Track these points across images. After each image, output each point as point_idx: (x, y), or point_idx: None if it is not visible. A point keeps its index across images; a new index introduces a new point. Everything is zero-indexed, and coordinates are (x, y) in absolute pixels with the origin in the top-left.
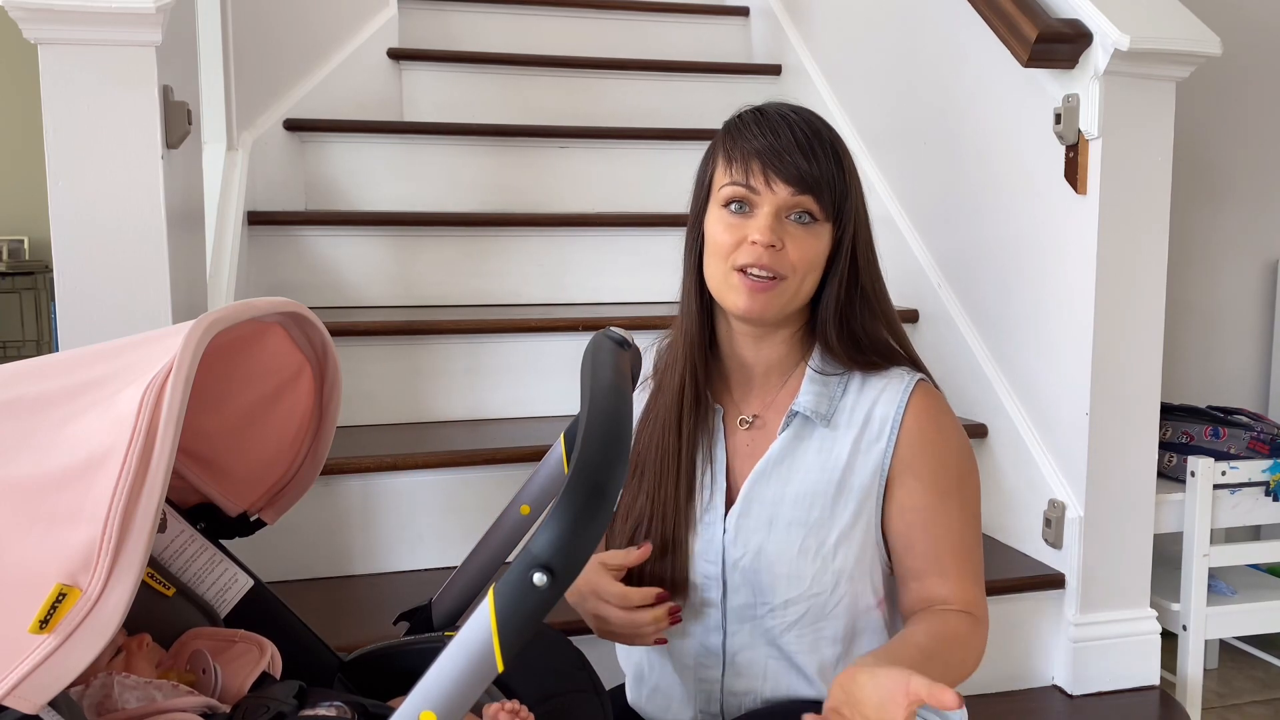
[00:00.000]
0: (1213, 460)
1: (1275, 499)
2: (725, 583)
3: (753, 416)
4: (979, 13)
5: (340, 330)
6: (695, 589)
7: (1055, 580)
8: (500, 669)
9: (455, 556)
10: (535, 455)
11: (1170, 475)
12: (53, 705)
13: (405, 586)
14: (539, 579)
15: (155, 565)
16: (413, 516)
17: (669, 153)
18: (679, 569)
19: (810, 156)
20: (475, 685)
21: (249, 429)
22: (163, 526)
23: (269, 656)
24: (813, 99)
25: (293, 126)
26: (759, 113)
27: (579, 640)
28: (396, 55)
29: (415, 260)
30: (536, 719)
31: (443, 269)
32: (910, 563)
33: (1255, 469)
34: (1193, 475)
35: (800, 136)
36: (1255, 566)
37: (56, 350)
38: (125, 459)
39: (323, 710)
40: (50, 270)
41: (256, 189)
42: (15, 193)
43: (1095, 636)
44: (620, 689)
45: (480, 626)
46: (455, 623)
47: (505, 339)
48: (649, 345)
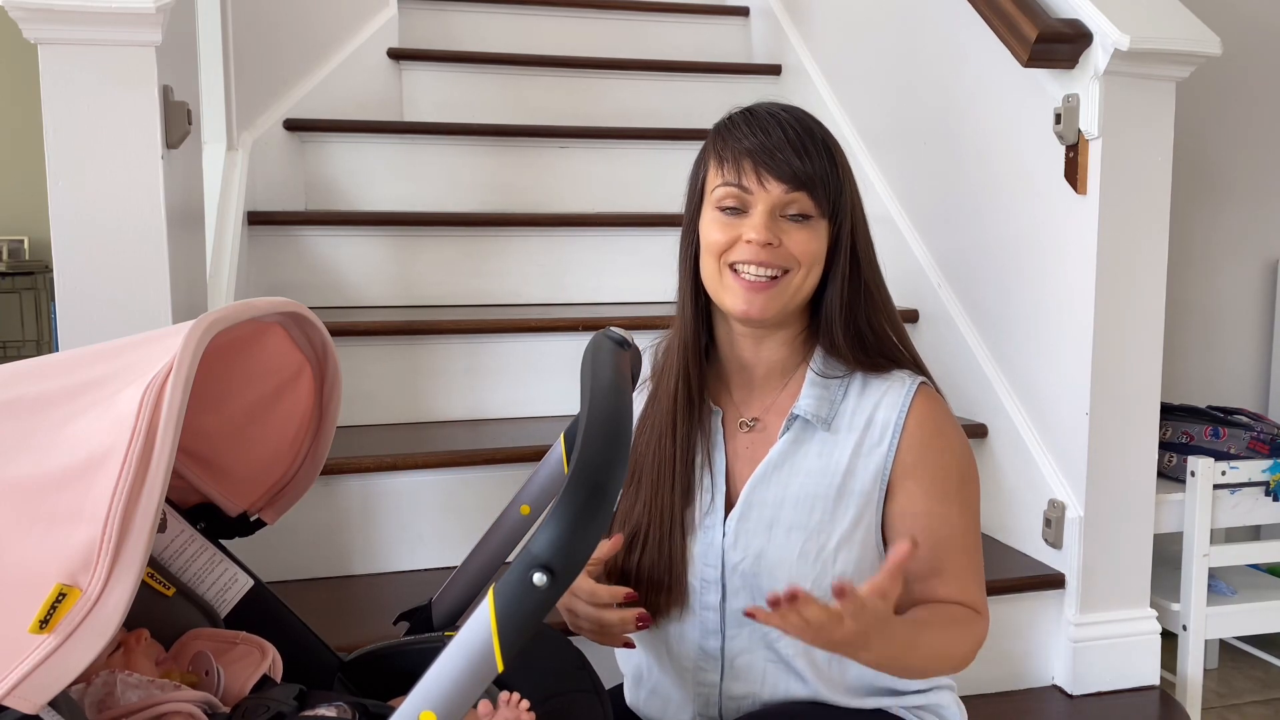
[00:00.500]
0: (1213, 460)
1: (1275, 499)
2: (724, 586)
3: (753, 419)
4: (979, 13)
5: (340, 330)
6: (694, 592)
7: (1055, 580)
8: (500, 669)
9: (455, 556)
10: (535, 455)
11: (1170, 475)
12: (53, 705)
13: (405, 586)
14: (539, 579)
15: (155, 565)
16: (412, 516)
17: (669, 153)
18: (677, 572)
19: (802, 154)
20: (475, 685)
21: (249, 429)
22: (163, 526)
23: (270, 659)
24: (813, 99)
25: (293, 126)
26: (749, 113)
27: (579, 640)
28: (396, 55)
29: (415, 260)
30: (537, 719)
31: (443, 269)
32: (911, 566)
33: (1255, 469)
34: (1193, 475)
35: (791, 134)
36: (1255, 566)
37: (56, 350)
38: (125, 459)
39: (323, 710)
40: (50, 270)
41: (256, 189)
42: (15, 193)
43: (1095, 636)
44: (619, 689)
45: (480, 626)
46: (455, 623)
47: (505, 339)
48: (648, 346)
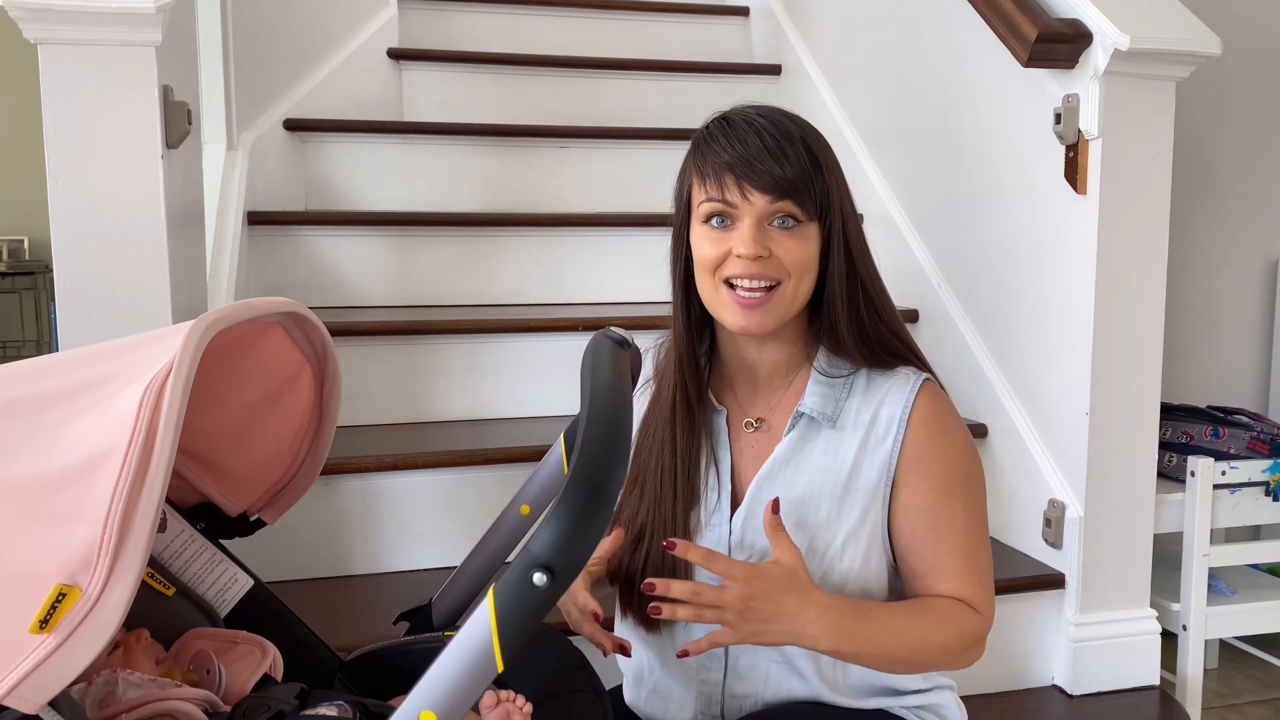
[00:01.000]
0: (1213, 460)
1: (1275, 499)
2: None
3: (758, 419)
4: (979, 12)
5: (340, 330)
6: None
7: (1055, 580)
8: (500, 669)
9: (455, 556)
10: (535, 455)
11: (1170, 475)
12: (53, 705)
13: (405, 586)
14: (539, 579)
15: (155, 565)
16: (412, 516)
17: (669, 153)
18: (682, 573)
19: (782, 160)
20: (475, 685)
21: (249, 429)
22: (163, 526)
23: (270, 658)
24: (813, 99)
25: (293, 126)
26: (726, 123)
27: (579, 640)
28: (396, 55)
29: (415, 260)
30: (536, 719)
31: (442, 269)
32: (913, 562)
33: (1255, 469)
34: (1193, 475)
35: (769, 141)
36: (1255, 566)
37: (56, 350)
38: (125, 459)
39: (323, 709)
40: (50, 270)
41: (256, 189)
42: (15, 193)
43: (1095, 636)
44: (619, 689)
45: (480, 626)
46: (455, 623)
47: (505, 339)
48: (649, 346)
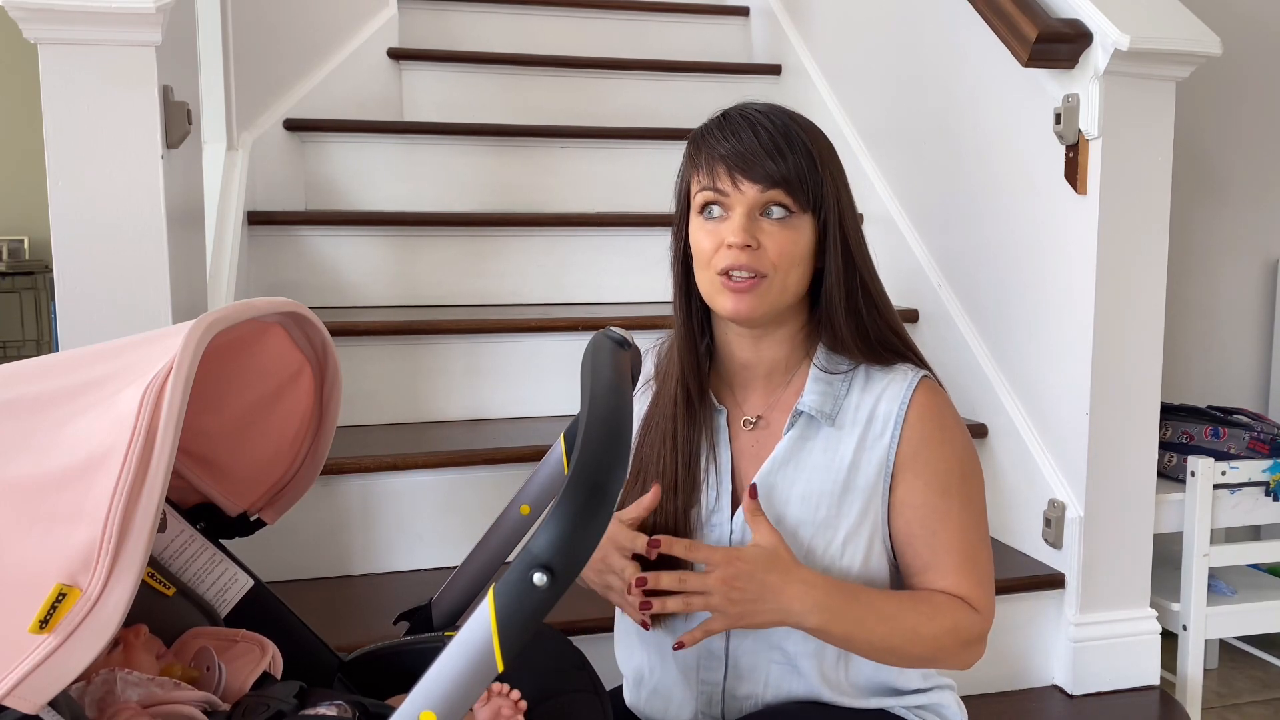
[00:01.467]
0: (1213, 460)
1: (1275, 499)
2: None
3: (756, 417)
4: (979, 13)
5: (340, 330)
6: None
7: (1055, 580)
8: (500, 669)
9: (455, 556)
10: (535, 455)
11: (1170, 475)
12: (53, 705)
13: (405, 586)
14: (539, 579)
15: (155, 565)
16: (412, 516)
17: (669, 153)
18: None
19: (775, 154)
20: (475, 685)
21: (249, 429)
22: (163, 526)
23: (270, 656)
24: (813, 99)
25: (293, 126)
26: (723, 118)
27: (579, 640)
28: (396, 55)
29: (415, 260)
30: (536, 719)
31: (443, 269)
32: (910, 559)
33: (1255, 469)
34: (1193, 475)
35: (764, 135)
36: (1255, 566)
37: (56, 350)
38: (125, 459)
39: (323, 709)
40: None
41: (256, 189)
42: (15, 193)
43: (1095, 636)
44: (619, 690)
45: (480, 626)
46: (455, 623)
47: (505, 339)
48: (649, 346)
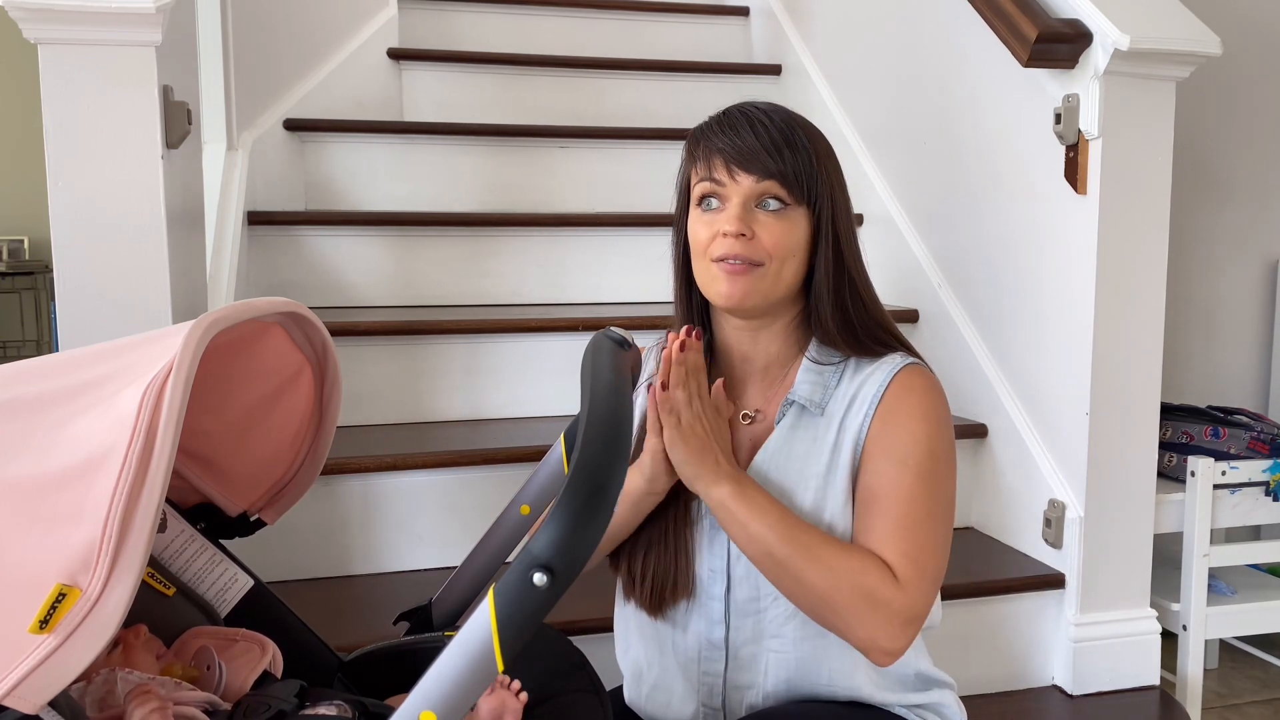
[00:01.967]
0: (1213, 460)
1: (1275, 499)
2: (729, 576)
3: (755, 411)
4: (979, 13)
5: (340, 330)
6: (700, 584)
7: (1055, 580)
8: (500, 669)
9: (455, 556)
10: (535, 455)
11: (1170, 475)
12: (53, 705)
13: (405, 586)
14: (539, 579)
15: (155, 565)
16: (412, 516)
17: (669, 153)
18: (683, 564)
19: (773, 149)
20: (475, 685)
21: (249, 429)
22: (163, 526)
23: (270, 655)
24: (813, 99)
25: (293, 126)
26: (723, 114)
27: (579, 640)
28: (396, 55)
29: (415, 260)
30: (536, 719)
31: (442, 269)
32: (855, 524)
33: (1255, 469)
34: (1193, 475)
35: (761, 130)
36: (1255, 566)
37: (56, 350)
38: (125, 459)
39: (323, 709)
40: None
41: (256, 189)
42: (15, 193)
43: (1095, 636)
44: (619, 690)
45: (480, 627)
46: (455, 623)
47: (505, 339)
48: (650, 346)
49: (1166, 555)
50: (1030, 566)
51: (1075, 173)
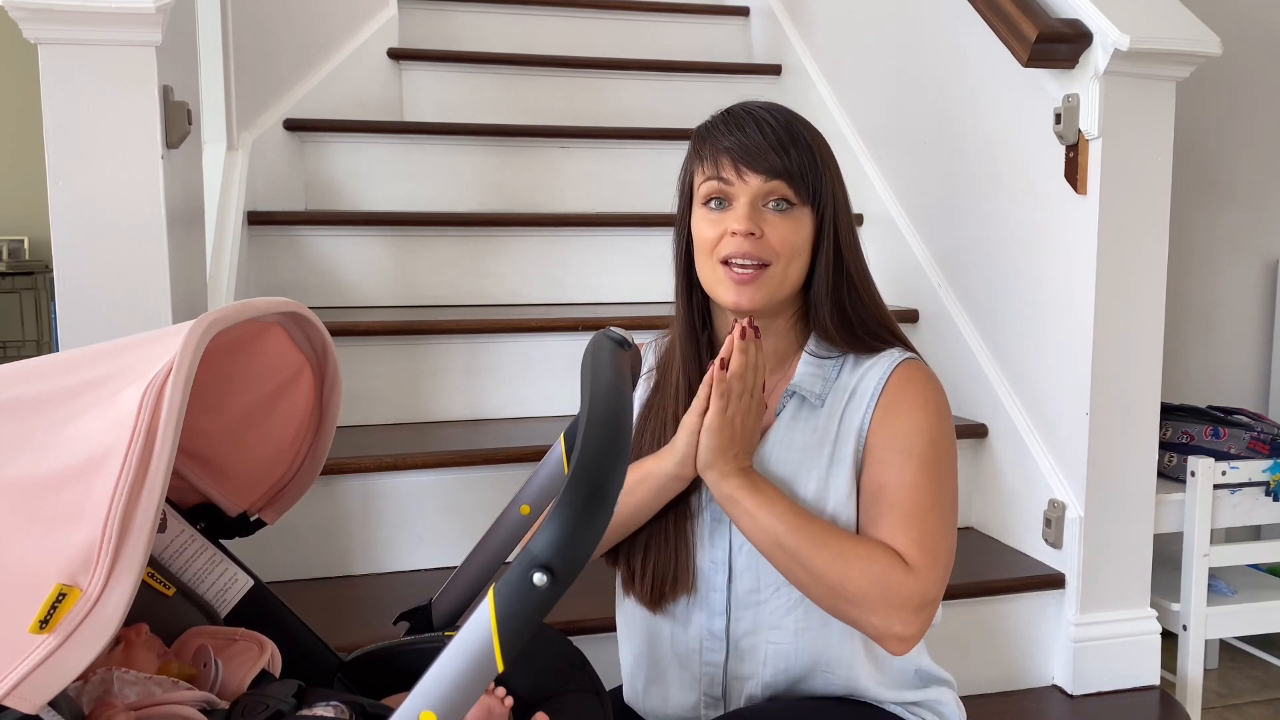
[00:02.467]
0: (1213, 460)
1: (1275, 499)
2: (730, 568)
3: None
4: (979, 13)
5: (340, 330)
6: (701, 575)
7: (1055, 580)
8: (500, 669)
9: (455, 556)
10: (535, 455)
11: (1170, 475)
12: (53, 705)
13: (405, 586)
14: (539, 579)
15: (155, 565)
16: (413, 516)
17: (669, 153)
18: (684, 556)
19: (779, 149)
20: (475, 685)
21: (249, 429)
22: (163, 526)
23: (269, 655)
24: (813, 99)
25: (293, 126)
26: (728, 113)
27: (579, 640)
28: (396, 55)
29: (415, 260)
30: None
31: (443, 269)
32: (861, 517)
33: (1255, 469)
34: (1193, 475)
35: (768, 130)
36: (1255, 566)
37: (56, 350)
38: (125, 459)
39: (321, 709)
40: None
41: (256, 189)
42: (15, 193)
43: (1095, 636)
44: (619, 690)
45: (480, 626)
46: (455, 623)
47: (505, 339)
48: (652, 340)
49: (1166, 555)
50: (1030, 566)
51: (1075, 173)
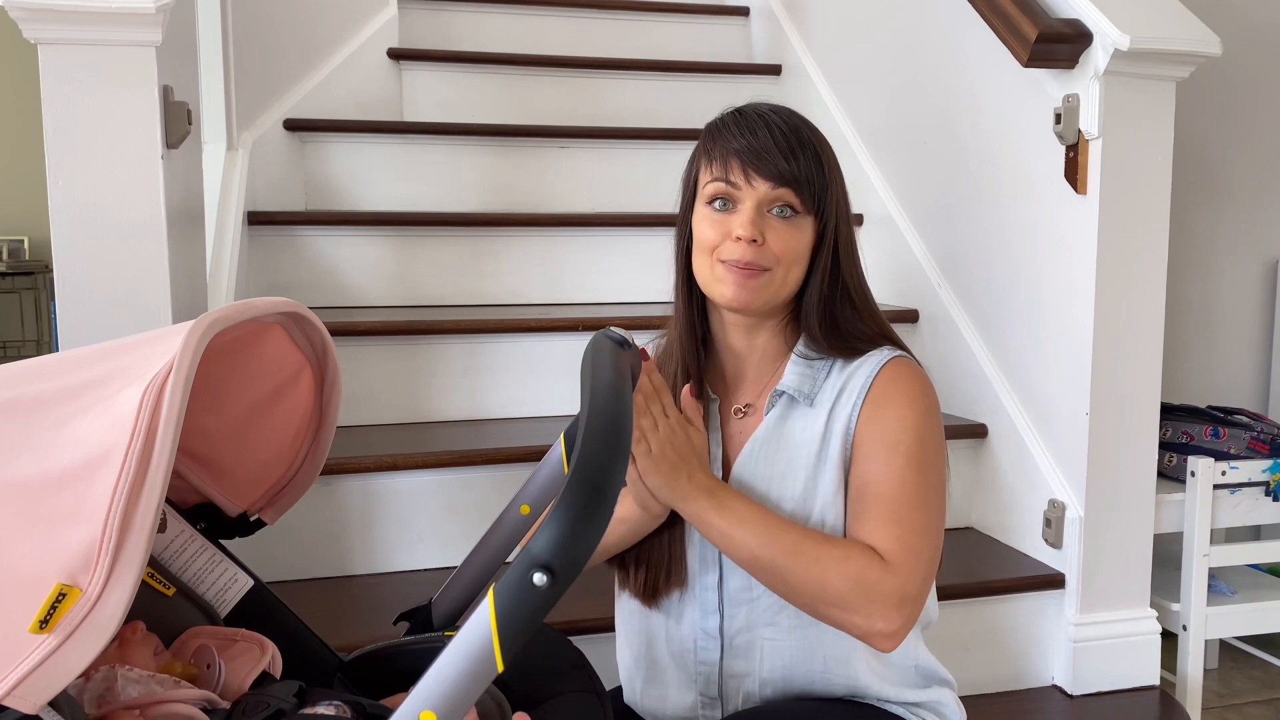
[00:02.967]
0: (1213, 460)
1: (1275, 499)
2: (722, 565)
3: (746, 405)
4: (979, 13)
5: (340, 330)
6: (693, 573)
7: (1055, 580)
8: (500, 669)
9: (455, 556)
10: (535, 455)
11: (1170, 475)
12: (53, 705)
13: (405, 586)
14: (539, 579)
15: (155, 565)
16: (413, 516)
17: (669, 153)
18: (676, 554)
19: (789, 154)
20: (475, 685)
21: (249, 429)
22: (163, 526)
23: (269, 655)
24: (813, 99)
25: (293, 126)
26: (739, 113)
27: (579, 640)
28: (396, 55)
29: (415, 260)
30: (536, 719)
31: (443, 269)
32: (849, 518)
33: (1255, 469)
34: (1193, 475)
35: (778, 135)
36: (1255, 566)
37: (56, 350)
38: (125, 459)
39: (322, 709)
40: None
41: (256, 189)
42: (15, 193)
43: (1095, 636)
44: (619, 690)
45: (480, 627)
46: (455, 623)
47: (505, 339)
48: (649, 341)
49: (1166, 555)
50: (1030, 566)
51: (1075, 173)
